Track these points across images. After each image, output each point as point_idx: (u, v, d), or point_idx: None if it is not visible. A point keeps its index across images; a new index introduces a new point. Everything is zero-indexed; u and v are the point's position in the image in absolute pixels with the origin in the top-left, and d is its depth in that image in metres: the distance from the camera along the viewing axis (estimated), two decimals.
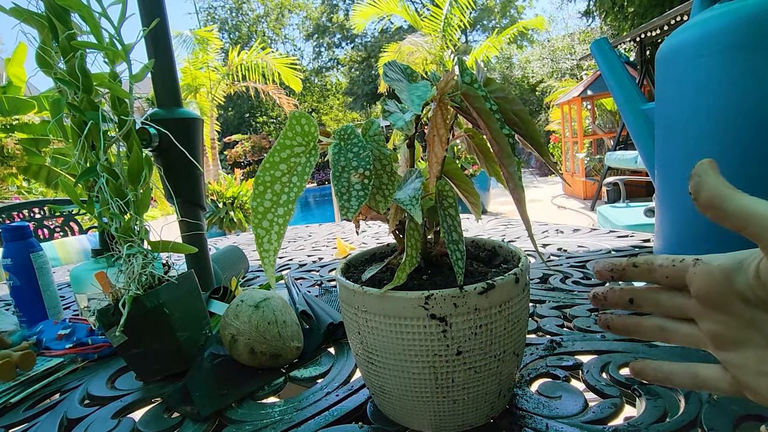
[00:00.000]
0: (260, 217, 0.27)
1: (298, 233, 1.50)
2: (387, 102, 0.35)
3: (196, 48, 7.25)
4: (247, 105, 17.67)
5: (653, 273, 0.26)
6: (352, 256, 0.42)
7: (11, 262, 0.66)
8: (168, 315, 0.46)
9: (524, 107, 0.34)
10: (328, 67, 21.10)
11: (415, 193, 0.29)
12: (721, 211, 0.22)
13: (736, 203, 0.21)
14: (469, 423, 0.34)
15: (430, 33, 6.77)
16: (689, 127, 0.54)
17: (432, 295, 0.30)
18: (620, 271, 0.27)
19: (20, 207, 1.81)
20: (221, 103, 8.45)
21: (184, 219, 0.65)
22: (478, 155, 0.40)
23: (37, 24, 0.44)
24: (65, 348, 0.55)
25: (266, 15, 20.38)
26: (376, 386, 0.35)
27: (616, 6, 7.12)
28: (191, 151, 0.61)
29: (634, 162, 2.51)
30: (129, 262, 0.46)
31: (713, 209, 0.22)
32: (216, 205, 4.94)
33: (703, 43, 0.51)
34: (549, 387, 0.39)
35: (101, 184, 0.45)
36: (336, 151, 0.30)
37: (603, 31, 9.84)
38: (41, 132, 2.82)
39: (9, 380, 0.50)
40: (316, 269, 0.93)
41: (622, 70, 0.70)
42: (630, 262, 0.27)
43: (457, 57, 0.34)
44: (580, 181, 6.34)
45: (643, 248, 0.80)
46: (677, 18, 4.18)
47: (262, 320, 0.46)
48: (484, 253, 0.42)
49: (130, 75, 0.45)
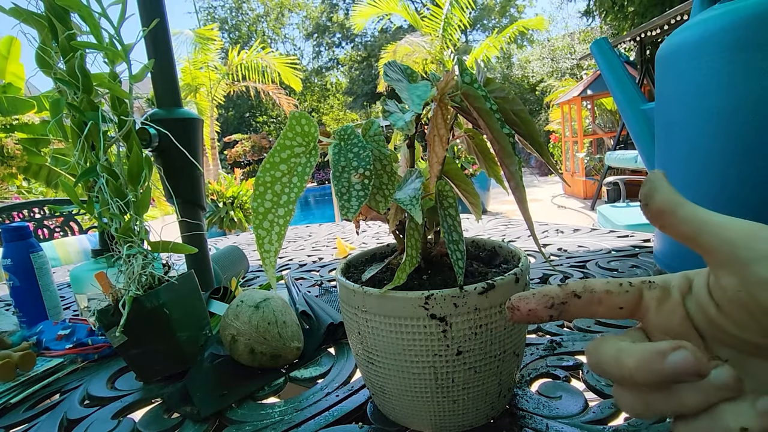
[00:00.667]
0: (261, 218, 0.27)
1: (298, 233, 1.50)
2: (387, 102, 0.35)
3: (197, 47, 7.25)
4: (247, 105, 17.67)
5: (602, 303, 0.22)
6: (352, 256, 0.42)
7: (11, 262, 0.66)
8: (168, 315, 0.46)
9: (524, 107, 0.33)
10: (328, 66, 21.10)
11: (415, 193, 0.29)
12: (674, 217, 0.20)
13: (689, 210, 0.20)
14: (469, 423, 0.34)
15: (430, 32, 6.77)
16: (689, 127, 0.54)
17: (432, 295, 0.30)
18: (560, 306, 0.22)
19: (20, 207, 1.81)
20: (221, 103, 8.45)
21: (184, 219, 0.65)
22: (478, 155, 0.40)
23: (36, 24, 0.44)
24: (65, 348, 0.55)
25: (266, 14, 20.38)
26: (376, 386, 0.35)
27: (616, 5, 7.12)
28: (191, 151, 0.61)
29: (634, 161, 2.51)
30: (129, 262, 0.46)
31: (666, 215, 0.21)
32: (216, 205, 4.95)
33: (703, 43, 0.51)
34: (549, 387, 0.39)
35: (101, 185, 0.45)
36: (336, 152, 0.30)
37: (603, 30, 9.84)
38: (41, 132, 2.82)
39: (9, 380, 0.50)
40: (316, 269, 0.93)
41: (622, 69, 0.70)
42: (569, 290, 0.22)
43: (457, 57, 0.34)
44: (580, 180, 6.35)
45: (643, 248, 0.80)
46: (677, 18, 4.18)
47: (262, 320, 0.46)
48: (484, 253, 0.42)
49: (129, 75, 0.45)
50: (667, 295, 0.22)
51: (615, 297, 0.22)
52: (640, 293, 0.22)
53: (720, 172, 0.51)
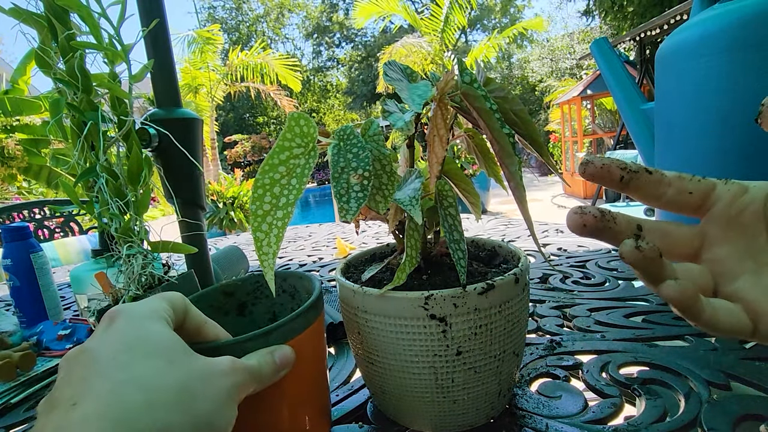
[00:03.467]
0: (259, 221, 0.27)
1: (298, 233, 1.50)
2: (387, 102, 0.35)
3: (198, 47, 7.24)
4: (246, 105, 17.67)
5: (672, 185, 0.23)
6: (352, 256, 0.42)
7: (11, 262, 0.66)
8: None
9: (524, 107, 0.34)
10: (328, 66, 21.10)
11: (415, 194, 0.29)
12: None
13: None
14: (469, 423, 0.34)
15: (430, 32, 6.77)
16: (689, 127, 0.54)
17: (432, 296, 0.30)
18: (632, 173, 0.22)
19: (20, 207, 1.81)
20: (221, 104, 8.44)
21: (184, 219, 0.65)
22: (478, 155, 0.40)
23: (36, 24, 0.44)
24: (65, 348, 0.55)
25: (266, 15, 20.38)
26: (376, 386, 0.35)
27: (616, 5, 7.12)
28: (191, 151, 0.61)
29: (634, 161, 2.51)
30: (129, 262, 0.46)
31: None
32: (216, 205, 4.94)
33: (702, 43, 0.51)
34: (549, 387, 0.39)
35: (101, 185, 0.45)
36: (335, 152, 0.30)
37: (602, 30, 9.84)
38: (42, 133, 2.82)
39: (9, 381, 0.50)
40: (316, 269, 0.93)
41: (621, 69, 0.70)
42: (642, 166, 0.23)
43: (457, 57, 0.34)
44: (580, 180, 6.34)
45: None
46: (677, 17, 4.18)
47: None
48: (484, 253, 0.42)
49: (129, 75, 0.45)
50: (745, 191, 0.22)
51: (686, 182, 0.23)
52: (713, 185, 0.23)
53: (720, 172, 0.51)
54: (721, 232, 0.23)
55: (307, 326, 0.30)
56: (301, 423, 0.32)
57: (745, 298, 0.21)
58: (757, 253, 0.22)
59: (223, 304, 0.38)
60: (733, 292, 0.22)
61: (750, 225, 0.22)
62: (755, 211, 0.22)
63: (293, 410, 0.31)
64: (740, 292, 0.21)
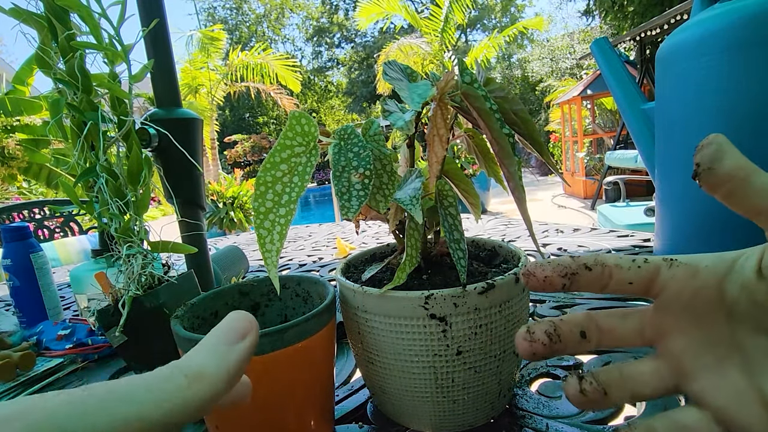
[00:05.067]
0: (262, 218, 0.27)
1: (298, 233, 1.49)
2: (387, 102, 0.35)
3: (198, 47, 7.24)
4: (247, 105, 17.67)
5: (612, 277, 0.21)
6: (352, 256, 0.42)
7: (11, 262, 0.66)
8: (168, 315, 0.46)
9: (524, 107, 0.33)
10: (328, 67, 21.11)
11: (415, 193, 0.29)
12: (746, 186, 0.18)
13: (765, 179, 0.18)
14: (469, 423, 0.34)
15: (429, 32, 6.77)
16: (689, 127, 0.54)
17: (432, 295, 0.30)
18: (572, 275, 0.21)
19: (20, 207, 1.81)
20: (221, 104, 8.44)
21: (184, 219, 0.65)
22: (478, 155, 0.40)
23: (36, 24, 0.44)
24: (65, 348, 0.55)
25: (266, 15, 20.38)
26: (376, 386, 0.35)
27: (616, 5, 7.12)
28: (191, 151, 0.61)
29: (634, 161, 2.51)
30: (128, 262, 0.46)
31: (736, 182, 0.18)
32: (216, 205, 4.94)
33: (703, 43, 0.51)
34: (549, 387, 0.39)
35: (101, 185, 0.45)
36: (336, 151, 0.30)
37: (603, 30, 9.84)
38: (42, 133, 2.83)
39: (9, 381, 0.50)
40: (316, 269, 0.93)
41: (622, 69, 0.70)
42: (581, 262, 0.22)
43: (457, 57, 0.34)
44: (580, 180, 6.34)
45: (643, 248, 0.80)
46: (677, 17, 4.18)
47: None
48: (484, 252, 0.42)
49: (129, 75, 0.45)
50: (694, 273, 0.20)
51: (624, 272, 0.21)
52: (656, 271, 0.21)
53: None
54: (674, 321, 0.20)
55: (320, 328, 0.31)
56: (306, 424, 0.32)
57: (712, 405, 0.18)
58: (716, 345, 0.19)
59: (238, 303, 0.39)
60: (698, 396, 0.19)
61: (704, 314, 0.19)
62: (708, 298, 0.19)
63: (300, 411, 0.31)
64: (706, 397, 0.19)
